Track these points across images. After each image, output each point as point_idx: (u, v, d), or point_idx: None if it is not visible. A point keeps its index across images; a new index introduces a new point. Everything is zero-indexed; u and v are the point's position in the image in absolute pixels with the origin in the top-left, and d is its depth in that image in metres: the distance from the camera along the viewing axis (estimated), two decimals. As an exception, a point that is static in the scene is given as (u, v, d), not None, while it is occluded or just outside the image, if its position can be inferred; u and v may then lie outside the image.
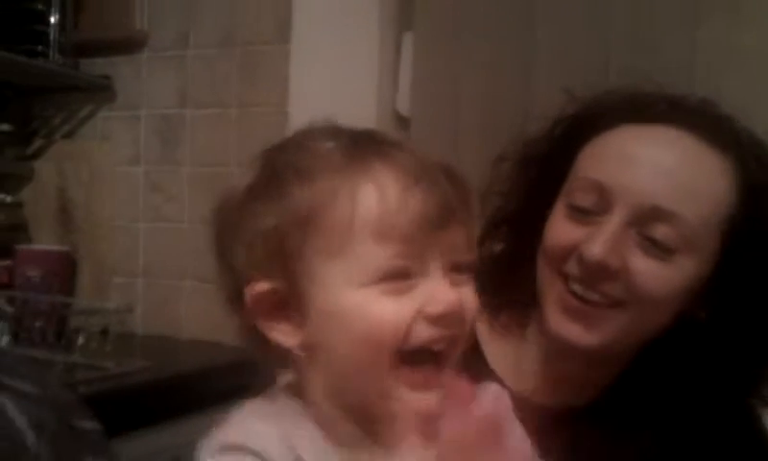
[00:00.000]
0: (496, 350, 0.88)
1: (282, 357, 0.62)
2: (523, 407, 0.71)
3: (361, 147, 0.60)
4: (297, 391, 0.63)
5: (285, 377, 0.66)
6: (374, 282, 0.57)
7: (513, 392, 0.81)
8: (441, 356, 0.60)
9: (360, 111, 1.52)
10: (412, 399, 0.59)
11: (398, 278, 0.57)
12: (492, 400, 0.66)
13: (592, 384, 0.85)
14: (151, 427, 1.26)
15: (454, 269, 0.59)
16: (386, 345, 0.57)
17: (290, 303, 0.59)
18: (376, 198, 0.57)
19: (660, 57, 1.29)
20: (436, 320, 0.58)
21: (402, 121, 1.56)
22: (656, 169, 0.77)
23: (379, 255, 0.57)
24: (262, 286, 0.59)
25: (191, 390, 1.40)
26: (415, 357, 0.59)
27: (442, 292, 0.58)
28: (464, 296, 0.60)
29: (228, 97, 1.70)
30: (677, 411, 0.82)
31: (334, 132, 0.62)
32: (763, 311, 0.80)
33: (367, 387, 0.59)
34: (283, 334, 0.60)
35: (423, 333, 0.58)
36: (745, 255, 0.78)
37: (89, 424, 0.56)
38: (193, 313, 1.73)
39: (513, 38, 1.43)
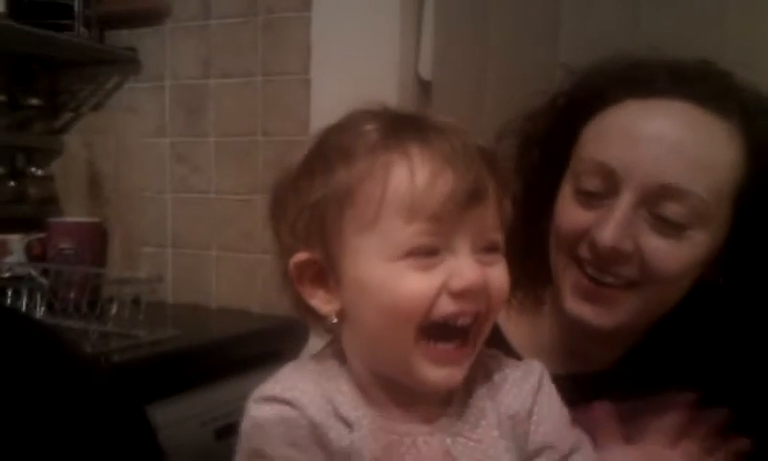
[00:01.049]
0: (513, 325, 0.88)
1: (327, 324, 0.66)
2: None
3: (399, 129, 0.62)
4: (338, 354, 0.67)
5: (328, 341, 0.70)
6: (401, 257, 0.60)
7: None
8: (466, 333, 0.62)
9: (382, 77, 1.52)
10: (432, 372, 0.62)
11: (424, 254, 0.60)
12: (531, 382, 0.68)
13: (609, 355, 0.86)
14: (182, 394, 1.29)
15: (486, 249, 0.62)
16: (410, 317, 0.60)
17: (327, 272, 0.63)
18: (406, 178, 0.59)
19: (691, 13, 1.26)
20: (459, 295, 0.60)
21: (425, 85, 1.55)
22: (661, 147, 0.75)
23: (406, 232, 0.59)
24: (302, 256, 0.63)
25: (220, 357, 1.43)
26: (440, 332, 0.61)
27: (465, 268, 0.60)
28: (491, 274, 0.62)
29: (251, 65, 1.70)
30: (696, 373, 0.81)
31: (380, 114, 0.65)
32: None
33: (392, 357, 0.63)
34: (321, 301, 0.64)
35: (446, 308, 0.60)
36: (758, 217, 0.77)
37: (127, 398, 0.58)
38: (221, 282, 1.76)
39: (537, -1, 1.41)
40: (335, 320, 0.64)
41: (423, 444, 0.63)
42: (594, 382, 0.83)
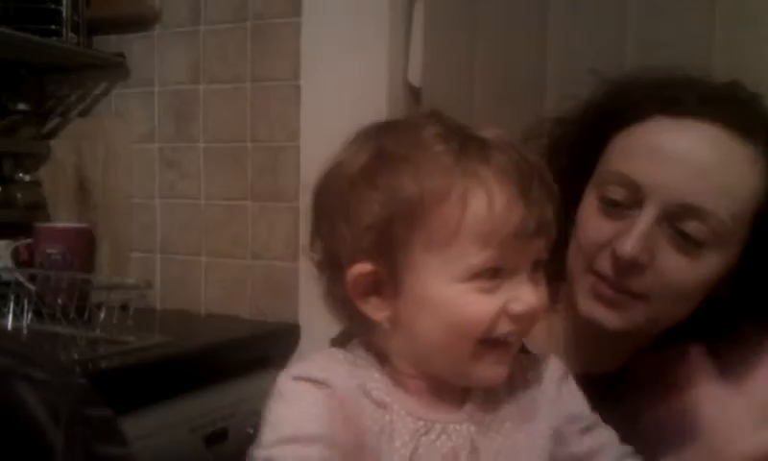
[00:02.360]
0: None
1: (363, 323, 0.68)
2: None
3: (468, 149, 0.63)
4: (368, 346, 0.69)
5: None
6: (468, 279, 0.62)
7: None
8: (513, 341, 0.66)
9: (372, 83, 1.52)
10: (484, 373, 0.65)
11: (489, 277, 0.63)
12: (556, 374, 0.72)
13: (618, 357, 0.87)
14: (171, 400, 1.28)
15: (534, 267, 0.65)
16: (470, 335, 0.63)
17: (386, 283, 0.65)
18: (485, 206, 0.61)
19: (678, 21, 1.27)
20: (517, 318, 0.64)
21: (414, 92, 1.55)
22: (686, 169, 0.77)
23: (477, 257, 0.62)
24: (364, 268, 0.64)
25: (209, 363, 1.42)
26: (494, 342, 0.65)
27: (526, 293, 0.64)
28: (541, 295, 0.65)
29: (240, 72, 1.70)
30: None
31: (443, 128, 0.65)
32: None
33: (447, 362, 0.66)
34: (375, 308, 0.66)
35: (504, 328, 0.64)
36: None
37: (102, 412, 0.57)
38: (210, 288, 1.75)
39: (526, 5, 1.42)
40: (387, 325, 0.66)
41: (453, 431, 0.66)
42: (601, 384, 0.84)
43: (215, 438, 1.32)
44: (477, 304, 0.62)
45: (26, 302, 1.45)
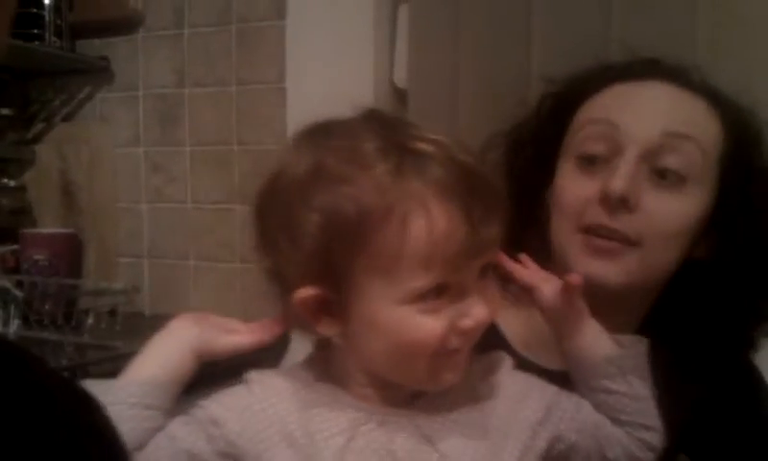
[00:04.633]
0: (509, 319, 0.90)
1: (315, 335, 0.67)
2: (534, 373, 0.74)
3: (406, 166, 0.60)
4: (319, 363, 0.69)
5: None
6: (413, 301, 0.61)
7: (524, 359, 0.83)
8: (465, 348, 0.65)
9: (357, 85, 1.52)
10: (440, 378, 0.65)
11: (435, 296, 0.61)
12: (506, 367, 0.72)
13: None
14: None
15: (483, 273, 0.64)
16: (420, 354, 0.62)
17: (334, 303, 0.63)
18: (426, 229, 0.59)
19: (662, 20, 1.29)
20: (466, 332, 0.63)
21: (400, 94, 1.56)
22: (657, 105, 0.83)
23: (421, 279, 0.60)
24: (309, 291, 0.63)
25: (198, 367, 1.41)
26: (444, 353, 0.64)
27: (474, 308, 0.62)
28: (489, 299, 0.64)
29: (225, 75, 1.70)
30: (683, 362, 0.84)
31: (382, 139, 0.62)
32: (758, 247, 0.84)
33: (400, 377, 0.65)
34: (325, 327, 0.64)
35: (454, 344, 0.63)
36: (736, 193, 0.83)
37: (97, 417, 0.57)
38: (199, 292, 1.75)
39: (510, 6, 1.43)
40: (339, 341, 0.65)
41: (393, 422, 0.65)
42: None
43: (205, 442, 1.32)
44: (424, 326, 0.61)
45: (13, 308, 1.44)
